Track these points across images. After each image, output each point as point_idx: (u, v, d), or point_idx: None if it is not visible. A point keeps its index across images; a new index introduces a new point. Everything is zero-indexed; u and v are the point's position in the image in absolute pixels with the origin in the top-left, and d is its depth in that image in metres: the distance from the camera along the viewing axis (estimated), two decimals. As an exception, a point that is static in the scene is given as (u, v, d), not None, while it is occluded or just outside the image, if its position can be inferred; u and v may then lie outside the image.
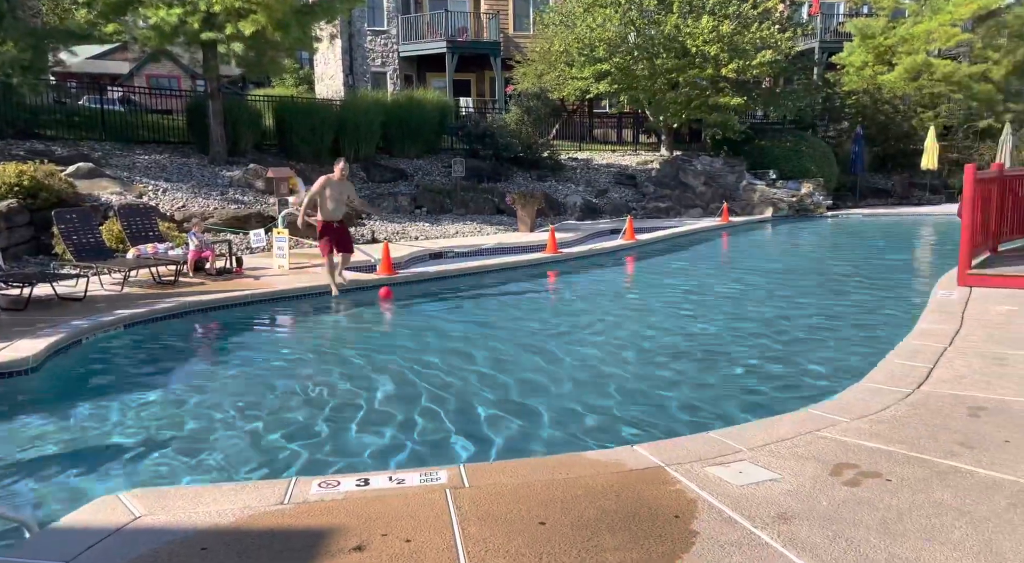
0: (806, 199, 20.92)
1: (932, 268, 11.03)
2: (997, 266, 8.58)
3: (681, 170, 21.19)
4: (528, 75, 24.27)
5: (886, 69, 25.88)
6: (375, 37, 27.40)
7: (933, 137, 23.28)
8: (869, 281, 10.80)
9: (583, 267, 12.21)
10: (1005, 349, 5.51)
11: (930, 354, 5.43)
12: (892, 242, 16.24)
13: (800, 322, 8.10)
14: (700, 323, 8.05)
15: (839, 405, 4.44)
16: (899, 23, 26.13)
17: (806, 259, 13.45)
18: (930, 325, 6.41)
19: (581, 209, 19.08)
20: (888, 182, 25.32)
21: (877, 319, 8.15)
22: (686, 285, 10.68)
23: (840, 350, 6.78)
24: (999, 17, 25.11)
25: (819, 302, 9.27)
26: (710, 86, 21.29)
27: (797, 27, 23.26)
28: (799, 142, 22.82)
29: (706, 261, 13.48)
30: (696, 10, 20.19)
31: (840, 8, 30.39)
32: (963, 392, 4.52)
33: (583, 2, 21.42)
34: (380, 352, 7.01)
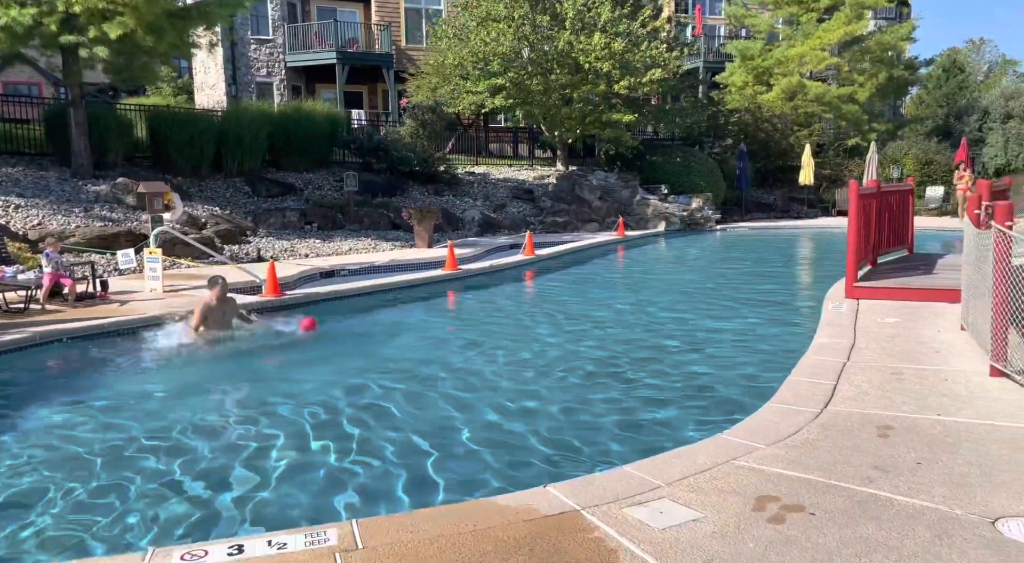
0: (696, 213, 21.59)
1: (819, 280, 11.44)
2: (878, 278, 8.94)
3: (577, 185, 21.36)
4: (422, 88, 23.86)
5: (765, 89, 27.32)
6: (260, 46, 26.19)
7: (809, 154, 24.68)
8: (761, 294, 11.09)
9: (483, 284, 11.89)
10: (899, 363, 5.61)
11: (831, 370, 5.45)
12: (778, 255, 16.92)
13: (700, 337, 8.10)
14: (604, 341, 7.89)
15: (752, 428, 4.30)
16: (775, 46, 27.65)
17: (702, 273, 13.73)
18: (826, 339, 6.50)
19: (479, 224, 18.82)
20: (770, 197, 26.61)
21: (774, 332, 8.27)
22: (587, 301, 10.57)
23: (743, 366, 6.76)
24: (862, 43, 27.06)
25: (717, 316, 9.36)
26: (603, 102, 21.65)
27: (683, 47, 24.12)
28: (688, 158, 23.60)
29: (606, 276, 13.50)
30: (588, 27, 20.48)
31: (721, 30, 31.87)
32: (869, 410, 4.50)
33: (476, 16, 21.29)
34: (260, 388, 6.39)
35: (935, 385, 4.97)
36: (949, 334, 6.52)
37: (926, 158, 27.42)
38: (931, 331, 6.65)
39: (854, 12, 26.08)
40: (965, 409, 4.44)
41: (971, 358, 5.63)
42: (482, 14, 21.14)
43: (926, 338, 6.40)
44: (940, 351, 5.91)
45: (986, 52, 54.98)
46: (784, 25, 28.62)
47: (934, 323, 7.00)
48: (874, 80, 26.90)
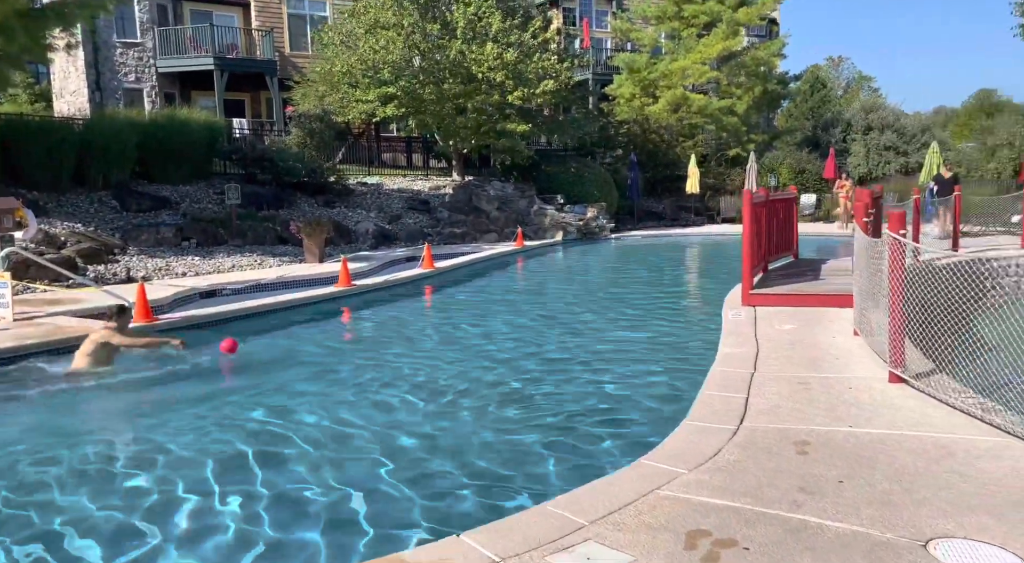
0: (592, 222, 21.84)
1: (715, 287, 11.67)
2: (772, 285, 9.16)
3: (474, 195, 21.12)
4: (309, 96, 22.94)
5: (652, 101, 28.17)
6: (127, 50, 24.36)
7: (694, 164, 25.61)
8: (662, 302, 11.18)
9: (380, 300, 11.35)
10: (803, 372, 5.64)
11: (741, 382, 5.39)
12: (672, 262, 17.30)
13: (608, 350, 7.96)
14: (510, 359, 7.60)
15: (672, 452, 4.10)
16: (659, 59, 28.59)
17: (602, 283, 13.77)
18: (731, 349, 6.49)
19: (374, 236, 18.18)
20: (660, 205, 27.39)
21: (679, 342, 8.26)
22: (490, 315, 10.27)
23: (653, 379, 6.66)
24: (739, 58, 28.43)
25: (621, 326, 9.30)
26: (497, 112, 21.55)
27: (573, 58, 24.44)
28: (582, 168, 23.90)
29: (508, 288, 13.29)
30: (480, 37, 20.32)
31: (608, 43, 32.65)
32: (784, 425, 4.42)
33: (364, 24, 20.69)
34: (121, 429, 5.66)
35: (841, 394, 4.99)
36: (844, 339, 6.67)
37: (799, 167, 29.12)
38: (827, 337, 6.79)
39: (730, 29, 27.37)
40: (874, 419, 4.45)
41: (869, 364, 5.73)
42: (370, 21, 20.57)
43: (824, 344, 6.52)
44: (839, 358, 6.00)
45: (844, 69, 59.47)
46: (667, 39, 29.66)
47: (829, 328, 7.17)
48: (751, 93, 28.30)
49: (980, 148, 29.67)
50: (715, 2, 28.14)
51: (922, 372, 5.29)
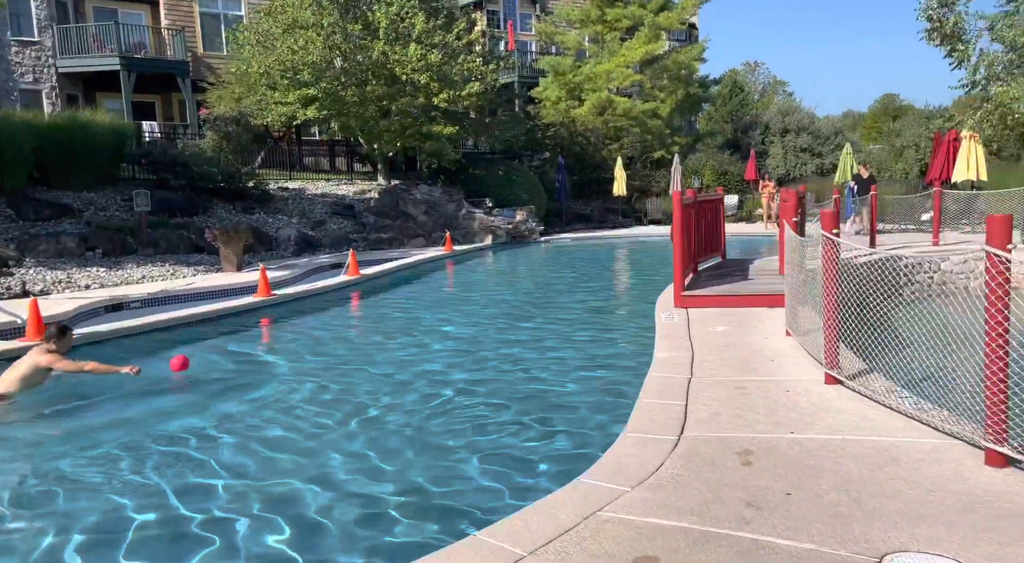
0: (521, 226, 21.69)
1: (646, 289, 11.65)
2: (703, 286, 9.15)
3: (401, 199, 20.64)
4: (225, 98, 21.97)
5: (577, 104, 28.30)
6: (23, 48, 22.74)
7: (621, 166, 25.85)
8: (594, 306, 11.06)
9: (302, 310, 10.81)
10: (740, 375, 5.54)
11: (678, 387, 5.24)
12: (603, 264, 17.32)
13: (541, 357, 7.73)
14: (441, 372, 7.27)
15: (612, 467, 3.88)
16: (584, 63, 28.77)
17: (534, 287, 13.56)
18: (667, 353, 6.36)
19: (297, 243, 17.48)
20: (588, 207, 27.54)
21: (615, 347, 8.11)
22: (419, 325, 9.90)
23: (588, 387, 6.46)
24: (661, 62, 28.91)
25: (554, 331, 9.10)
26: (423, 115, 21.15)
27: (498, 60, 24.27)
28: (510, 171, 23.75)
29: (437, 294, 12.92)
30: (403, 38, 19.88)
31: (533, 46, 32.68)
32: (725, 433, 4.27)
33: (281, 23, 19.94)
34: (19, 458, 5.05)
35: (779, 398, 4.90)
36: (777, 340, 6.64)
37: (722, 169, 29.82)
38: (760, 338, 6.76)
39: (652, 33, 27.80)
40: (815, 423, 4.35)
41: (804, 365, 5.69)
42: (288, 21, 19.83)
43: (758, 346, 6.47)
44: (774, 359, 5.94)
45: (760, 73, 61.59)
46: (591, 43, 29.90)
47: (761, 329, 7.15)
48: (673, 97, 28.82)
49: (888, 149, 31.12)
50: (637, 6, 28.55)
51: (856, 372, 5.27)
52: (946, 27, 14.85)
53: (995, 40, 14.95)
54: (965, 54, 14.91)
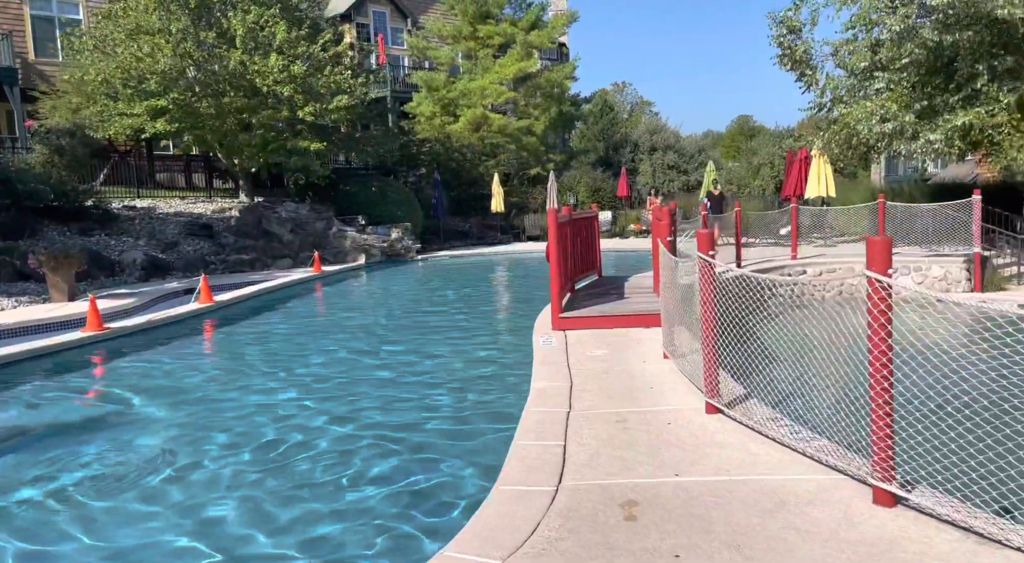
0: (397, 244, 20.95)
1: (524, 309, 11.31)
2: (580, 306, 8.88)
3: (264, 218, 19.35)
4: (60, 109, 19.83)
5: (452, 120, 27.97)
6: None
7: (498, 183, 25.70)
8: (470, 329, 10.56)
9: (141, 345, 9.59)
10: (620, 406, 5.20)
11: (556, 424, 4.82)
12: (480, 283, 16.90)
13: (410, 391, 7.12)
14: (292, 414, 6.49)
15: (482, 532, 3.36)
16: (458, 79, 28.51)
17: (407, 310, 12.88)
18: (544, 383, 5.95)
19: (143, 267, 15.88)
20: (466, 224, 27.16)
21: (489, 376, 7.61)
22: (277, 359, 9.00)
23: (460, 428, 5.92)
24: (535, 79, 29.15)
25: (427, 356, 8.52)
26: (288, 129, 20.01)
27: (368, 74, 23.47)
28: (384, 187, 22.95)
29: (299, 321, 11.95)
30: (263, 47, 18.71)
31: (405, 61, 32.08)
32: (608, 480, 3.86)
33: (124, 27, 18.23)
34: None
35: (661, 432, 4.58)
36: (656, 364, 6.41)
37: (595, 186, 30.41)
38: (639, 363, 6.50)
39: (524, 50, 27.99)
40: (699, 462, 4.04)
41: (684, 392, 5.44)
42: (131, 25, 18.15)
43: (636, 371, 6.20)
44: (653, 386, 5.67)
45: (628, 93, 64.09)
46: (464, 59, 29.71)
47: (639, 352, 6.91)
48: (547, 114, 29.11)
49: (746, 167, 32.94)
50: (508, 24, 28.67)
51: (735, 398, 5.06)
52: (796, 53, 15.67)
53: (839, 66, 15.95)
54: (813, 78, 15.79)
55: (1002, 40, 13.16)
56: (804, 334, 5.10)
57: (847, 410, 4.30)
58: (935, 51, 13.55)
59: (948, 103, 13.60)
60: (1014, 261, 13.98)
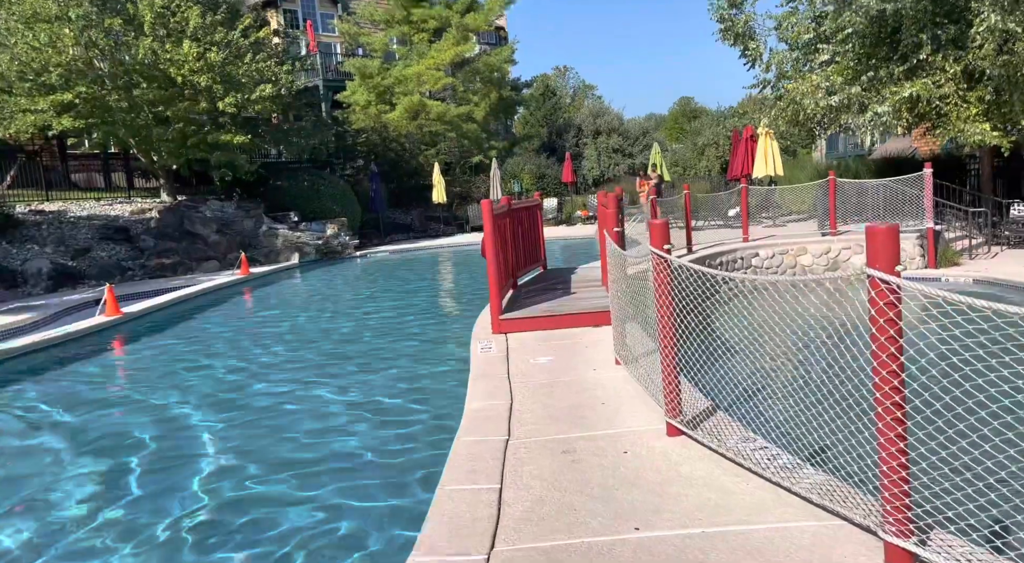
0: (333, 240, 19.84)
1: (466, 309, 10.50)
2: (523, 305, 8.10)
3: (187, 218, 18.02)
4: (-50, 106, 18.04)
5: (389, 108, 26.82)
6: None
7: (438, 172, 24.75)
8: (408, 336, 9.69)
9: (30, 369, 8.44)
10: (568, 431, 4.43)
11: (492, 461, 4.02)
12: (421, 280, 15.98)
13: (326, 428, 6.25)
14: (195, 456, 5.56)
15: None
16: (393, 65, 27.35)
17: (339, 313, 11.91)
18: (480, 403, 5.15)
19: (50, 277, 14.51)
20: (408, 217, 26.15)
21: (424, 394, 6.77)
22: (189, 376, 7.99)
23: (384, 466, 5.09)
24: (473, 64, 28.18)
25: (360, 374, 7.64)
26: (210, 122, 18.65)
27: (295, 61, 22.15)
28: (317, 181, 21.75)
29: (217, 331, 10.86)
30: (175, 34, 17.31)
31: (338, 47, 30.71)
32: (552, 541, 3.08)
33: (20, 15, 16.60)
34: None
35: (616, 465, 3.83)
36: (607, 372, 5.67)
37: (540, 172, 29.69)
38: (589, 371, 5.76)
39: (460, 34, 26.98)
40: (663, 509, 3.29)
41: (640, 409, 4.71)
42: (28, 12, 16.53)
43: (586, 382, 5.45)
44: (606, 402, 4.93)
45: (570, 78, 63.45)
46: (399, 45, 28.55)
47: (589, 358, 6.17)
48: (487, 100, 28.21)
49: (691, 148, 32.64)
50: (443, 7, 27.63)
51: (700, 413, 4.35)
52: (738, 27, 15.15)
53: (782, 40, 15.50)
54: (757, 52, 15.31)
55: (944, 8, 12.82)
56: (769, 325, 4.41)
57: (832, 421, 3.63)
58: (878, 20, 13.16)
59: (894, 74, 13.23)
60: (964, 235, 13.78)
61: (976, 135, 12.42)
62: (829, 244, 13.54)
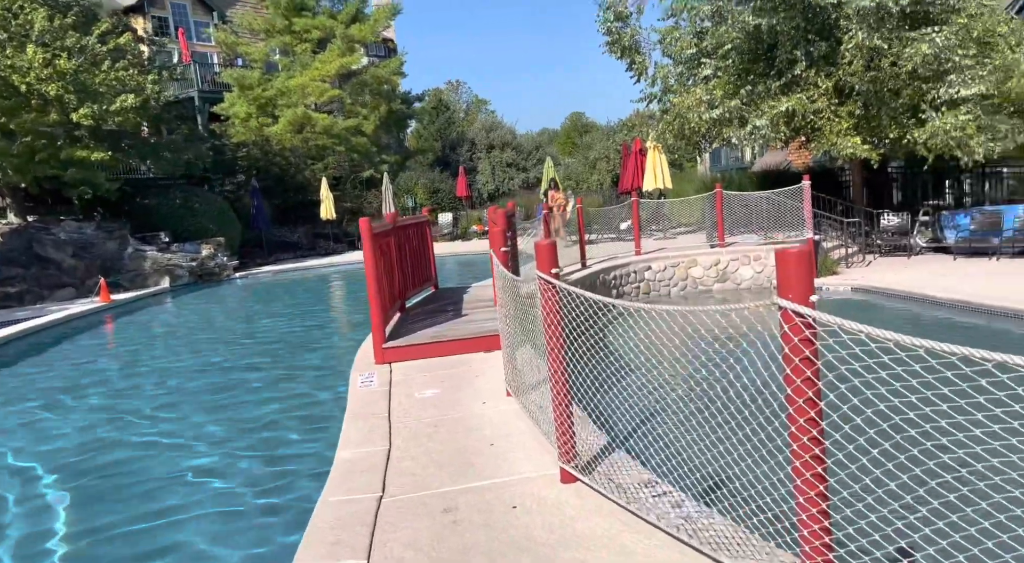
0: (209, 262, 18.46)
1: (351, 335, 9.77)
2: (410, 331, 7.50)
3: (36, 241, 16.22)
4: None
5: (271, 121, 25.51)
6: None
7: (326, 188, 23.72)
8: (284, 370, 8.85)
9: None
10: (450, 481, 3.89)
11: (360, 526, 3.43)
12: (306, 303, 15.00)
13: (187, 481, 5.43)
14: (20, 535, 4.63)
15: None
16: (275, 76, 26.08)
17: (204, 347, 10.80)
18: (353, 452, 4.52)
19: None
20: (294, 235, 24.90)
21: (288, 449, 6.02)
22: (18, 431, 6.86)
23: (239, 540, 4.36)
24: (360, 76, 27.32)
25: (225, 421, 6.79)
26: (65, 135, 16.92)
27: (163, 70, 20.59)
28: (191, 199, 20.25)
29: (66, 371, 9.59)
30: (17, 38, 15.59)
31: (215, 57, 29.04)
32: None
33: None
34: None
35: (504, 525, 3.32)
36: (497, 405, 5.18)
37: (434, 187, 29.13)
38: (477, 405, 5.25)
39: (346, 45, 26.11)
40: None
41: (532, 449, 4.24)
42: None
43: (474, 419, 4.93)
44: (495, 443, 4.42)
45: (463, 92, 63.33)
46: (281, 55, 27.30)
47: (478, 389, 5.66)
48: (377, 113, 27.42)
49: (583, 162, 33.02)
50: (326, 17, 26.67)
51: (598, 452, 3.93)
52: (624, 40, 15.24)
53: (666, 54, 15.73)
54: (643, 66, 15.45)
55: (816, 26, 13.32)
56: (668, 347, 4.07)
57: (736, 448, 3.29)
58: (755, 36, 13.52)
59: (771, 89, 13.62)
60: (840, 244, 14.33)
61: (848, 148, 12.93)
62: (718, 256, 13.72)
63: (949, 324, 9.40)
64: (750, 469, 3.70)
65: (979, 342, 7.64)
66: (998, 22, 12.81)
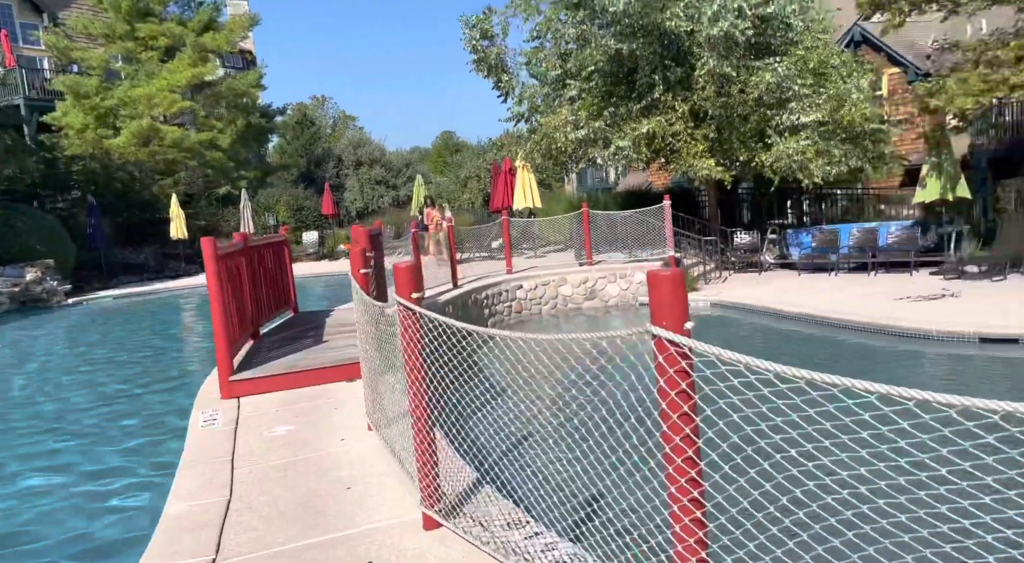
0: (35, 287, 16.52)
1: (199, 368, 8.88)
2: (262, 361, 6.86)
3: None
4: None
5: (112, 133, 23.44)
6: None
7: (177, 204, 22.08)
8: (116, 413, 7.86)
9: None
10: (297, 536, 3.43)
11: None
12: (148, 333, 13.65)
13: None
14: None
15: None
16: (116, 85, 24.04)
17: (20, 389, 9.49)
18: (186, 505, 3.93)
19: None
20: (140, 255, 22.92)
21: (108, 509, 5.26)
22: None
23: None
24: (215, 88, 25.76)
25: (28, 479, 5.85)
26: None
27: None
28: (14, 217, 18.11)
29: None
30: None
31: (46, 62, 26.40)
32: None
33: None
34: None
35: (359, 584, 2.92)
36: (357, 442, 4.75)
37: (298, 204, 27.89)
38: (335, 442, 4.78)
39: (197, 54, 24.54)
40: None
41: (393, 490, 3.86)
42: None
43: (331, 459, 4.47)
44: (352, 485, 4.00)
45: (329, 108, 61.65)
46: (124, 62, 25.22)
47: (336, 424, 5.19)
48: (234, 126, 25.94)
49: (454, 180, 32.89)
50: (174, 23, 24.99)
51: (463, 490, 3.62)
52: (490, 58, 15.25)
53: (532, 75, 15.91)
54: (510, 85, 15.52)
55: (671, 52, 13.92)
56: (537, 372, 3.84)
57: (608, 474, 3.08)
58: (617, 60, 13.93)
59: (632, 112, 14.06)
60: (698, 261, 14.96)
61: (703, 169, 13.55)
62: (587, 274, 13.89)
63: (799, 336, 9.96)
64: (623, 497, 3.53)
65: (822, 350, 8.02)
66: (831, 54, 13.94)
